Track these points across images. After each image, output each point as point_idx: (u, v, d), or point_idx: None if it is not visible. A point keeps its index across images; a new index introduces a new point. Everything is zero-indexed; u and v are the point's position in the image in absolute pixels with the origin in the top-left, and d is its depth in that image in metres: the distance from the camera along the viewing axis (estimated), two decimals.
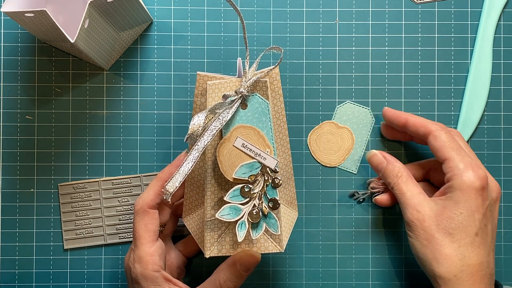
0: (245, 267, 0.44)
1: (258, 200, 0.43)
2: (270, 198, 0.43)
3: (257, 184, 0.43)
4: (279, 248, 0.44)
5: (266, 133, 0.43)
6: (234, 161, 0.42)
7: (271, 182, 0.43)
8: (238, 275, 0.45)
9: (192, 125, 0.41)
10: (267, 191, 0.43)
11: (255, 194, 0.43)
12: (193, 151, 0.41)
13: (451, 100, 0.54)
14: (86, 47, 0.48)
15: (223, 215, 0.42)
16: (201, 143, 0.41)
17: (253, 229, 0.43)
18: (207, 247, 0.44)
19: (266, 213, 0.43)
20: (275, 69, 0.45)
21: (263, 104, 0.43)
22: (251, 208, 0.42)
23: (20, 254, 0.53)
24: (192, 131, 0.41)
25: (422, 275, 0.54)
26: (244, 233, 0.42)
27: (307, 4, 0.54)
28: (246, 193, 0.42)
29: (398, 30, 0.54)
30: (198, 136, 0.42)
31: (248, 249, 0.44)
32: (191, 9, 0.54)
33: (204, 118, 0.41)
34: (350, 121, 0.54)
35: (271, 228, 0.43)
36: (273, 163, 0.43)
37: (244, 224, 0.42)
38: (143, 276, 0.44)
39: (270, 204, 0.43)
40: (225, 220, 0.42)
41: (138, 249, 0.45)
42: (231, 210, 0.42)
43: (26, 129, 0.54)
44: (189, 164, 0.41)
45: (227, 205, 0.42)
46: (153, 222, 0.46)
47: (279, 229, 0.43)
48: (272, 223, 0.43)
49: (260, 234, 0.43)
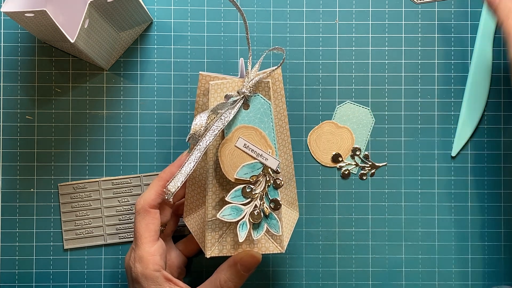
0: (245, 268, 0.44)
1: (259, 201, 0.43)
2: (272, 198, 0.43)
3: (258, 184, 0.43)
4: (280, 249, 0.44)
5: (268, 134, 0.43)
6: (235, 162, 0.42)
7: (273, 183, 0.43)
8: (238, 276, 0.44)
9: (194, 125, 0.41)
10: (268, 191, 0.43)
11: (257, 194, 0.43)
12: (195, 151, 0.42)
13: (451, 100, 0.54)
14: (86, 47, 0.48)
15: (224, 216, 0.42)
16: (203, 143, 0.41)
17: (254, 230, 0.43)
18: (208, 247, 0.44)
19: (268, 214, 0.43)
20: (278, 70, 0.45)
21: (265, 104, 0.43)
22: (253, 209, 0.43)
23: (20, 254, 0.53)
24: (194, 131, 0.41)
25: (422, 275, 0.54)
26: (245, 233, 0.42)
27: (307, 4, 0.54)
28: (247, 194, 0.42)
29: (398, 30, 0.54)
30: (200, 136, 0.42)
31: (249, 249, 0.44)
32: (191, 9, 0.54)
33: (206, 118, 0.41)
34: (350, 121, 0.54)
35: (272, 228, 0.43)
36: (275, 163, 0.43)
37: (245, 224, 0.42)
38: (144, 275, 0.44)
39: (272, 204, 0.43)
40: (226, 221, 0.42)
41: (139, 249, 0.45)
42: (233, 211, 0.42)
43: (26, 129, 0.54)
44: (191, 164, 0.41)
45: (228, 206, 0.42)
46: (154, 222, 0.46)
47: (280, 229, 0.43)
48: (273, 223, 0.43)
49: (261, 235, 0.43)
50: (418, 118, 0.54)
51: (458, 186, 0.54)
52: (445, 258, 0.54)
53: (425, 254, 0.54)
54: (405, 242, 0.54)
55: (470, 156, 0.54)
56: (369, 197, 0.54)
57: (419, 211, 0.54)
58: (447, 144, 0.54)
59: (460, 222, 0.54)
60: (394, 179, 0.54)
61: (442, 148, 0.54)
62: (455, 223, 0.54)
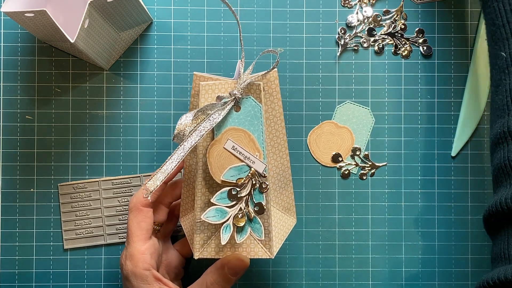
0: (233, 271, 0.44)
1: (244, 204, 0.42)
2: (256, 202, 0.42)
3: (244, 187, 0.42)
4: (269, 255, 0.44)
5: (257, 137, 0.42)
6: (223, 163, 0.42)
7: (259, 187, 0.42)
8: (225, 279, 0.44)
9: (179, 124, 0.41)
10: (254, 195, 0.42)
11: (242, 197, 0.42)
12: (178, 150, 0.41)
13: (451, 100, 0.54)
14: (86, 47, 0.48)
15: (208, 217, 0.42)
16: (187, 143, 0.41)
17: (237, 233, 0.42)
18: (196, 248, 0.44)
19: (252, 218, 0.42)
20: (273, 72, 0.44)
21: (256, 107, 0.43)
22: (237, 212, 0.42)
23: (20, 254, 0.53)
24: (178, 130, 0.41)
25: (422, 275, 0.54)
26: (228, 236, 0.42)
27: (307, 4, 0.54)
28: (233, 196, 0.42)
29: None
30: (184, 136, 0.41)
31: (237, 253, 0.44)
32: (191, 9, 0.54)
33: (191, 117, 0.41)
34: (350, 121, 0.54)
35: (255, 233, 0.43)
36: (262, 167, 0.42)
37: (229, 227, 0.42)
38: (133, 273, 0.44)
39: (256, 208, 0.42)
40: (210, 222, 0.42)
41: (130, 247, 0.45)
42: (217, 213, 0.42)
43: (26, 129, 0.54)
44: (173, 163, 0.41)
45: (213, 207, 0.42)
46: (146, 220, 0.46)
47: (263, 234, 0.43)
48: (256, 227, 0.43)
49: (244, 239, 0.43)
50: (418, 118, 0.54)
51: (458, 186, 0.54)
52: (445, 258, 0.54)
53: (425, 254, 0.54)
54: (405, 242, 0.54)
55: (470, 156, 0.54)
56: (369, 197, 0.54)
57: (419, 211, 0.54)
58: (447, 144, 0.54)
59: (460, 222, 0.54)
60: (394, 179, 0.54)
61: (442, 148, 0.54)
62: (455, 223, 0.54)
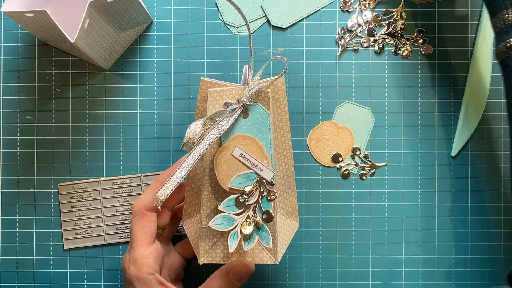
0: (238, 276, 0.44)
1: (252, 212, 0.42)
2: (264, 210, 0.42)
3: (252, 195, 0.42)
4: (274, 260, 0.44)
5: (265, 144, 0.42)
6: (231, 170, 0.42)
7: (266, 195, 0.42)
8: (230, 284, 0.44)
9: (188, 132, 0.41)
10: (261, 203, 0.42)
11: (250, 205, 0.42)
12: (188, 159, 0.41)
13: (451, 100, 0.54)
14: (86, 47, 0.48)
15: (216, 224, 0.42)
16: (196, 151, 0.41)
17: (245, 241, 0.42)
18: (201, 254, 0.44)
19: (259, 226, 0.42)
20: (280, 79, 0.44)
21: (264, 114, 0.42)
22: (245, 219, 0.42)
23: (20, 254, 0.53)
24: (188, 138, 0.41)
25: (422, 275, 0.54)
26: (236, 243, 0.42)
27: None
28: (240, 204, 0.42)
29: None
30: (193, 144, 0.41)
31: (242, 258, 0.44)
32: (191, 9, 0.54)
33: (201, 126, 0.41)
34: (350, 121, 0.54)
35: (263, 241, 0.42)
36: (270, 175, 0.42)
37: (236, 234, 0.42)
38: (137, 278, 0.44)
39: (264, 216, 0.42)
40: (217, 230, 0.42)
41: (133, 251, 0.45)
42: (224, 220, 0.42)
43: (26, 129, 0.54)
44: (182, 172, 0.41)
45: (220, 215, 0.42)
46: (150, 225, 0.45)
47: (271, 242, 0.43)
48: (264, 235, 0.42)
49: (252, 246, 0.43)
50: (418, 118, 0.54)
51: (458, 186, 0.54)
52: (445, 258, 0.54)
53: (425, 254, 0.54)
54: (405, 242, 0.54)
55: (470, 156, 0.54)
56: (369, 197, 0.54)
57: (419, 211, 0.54)
58: (447, 144, 0.54)
59: (460, 222, 0.54)
60: (394, 179, 0.54)
61: (442, 148, 0.54)
62: (455, 223, 0.54)
